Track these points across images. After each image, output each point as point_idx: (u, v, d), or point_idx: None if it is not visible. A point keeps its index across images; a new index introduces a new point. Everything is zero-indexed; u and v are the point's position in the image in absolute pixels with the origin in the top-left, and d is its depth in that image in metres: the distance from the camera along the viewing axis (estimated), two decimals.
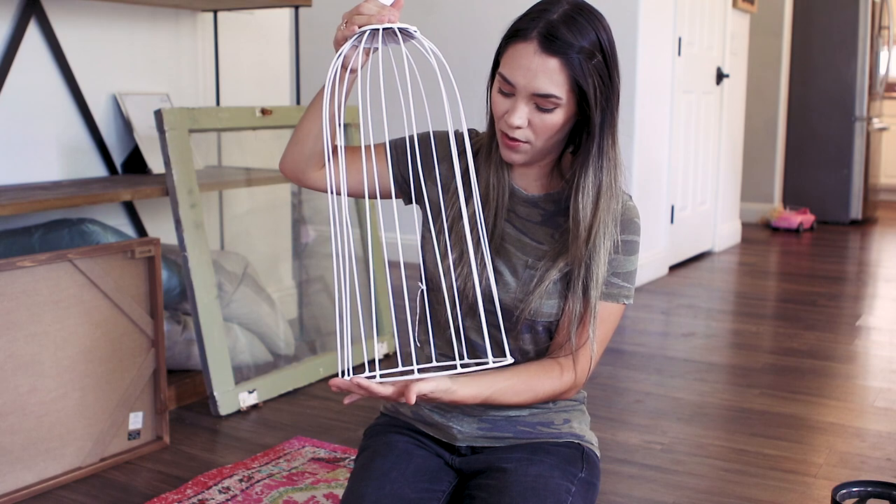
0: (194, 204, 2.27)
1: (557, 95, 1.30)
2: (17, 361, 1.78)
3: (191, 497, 1.78)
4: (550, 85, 1.29)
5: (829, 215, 5.98)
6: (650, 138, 3.99)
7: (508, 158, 1.38)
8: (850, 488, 1.69)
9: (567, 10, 1.30)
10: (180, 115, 2.28)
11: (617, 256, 1.39)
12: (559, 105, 1.31)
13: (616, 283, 1.39)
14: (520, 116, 1.32)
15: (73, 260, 1.86)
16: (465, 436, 1.46)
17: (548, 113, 1.32)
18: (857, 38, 5.82)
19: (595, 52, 1.32)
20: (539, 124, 1.32)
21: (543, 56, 1.28)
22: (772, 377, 2.66)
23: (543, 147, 1.36)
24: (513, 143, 1.35)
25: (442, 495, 1.43)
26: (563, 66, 1.28)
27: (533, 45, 1.29)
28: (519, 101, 1.32)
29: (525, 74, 1.30)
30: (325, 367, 2.59)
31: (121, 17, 2.60)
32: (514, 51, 1.32)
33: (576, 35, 1.29)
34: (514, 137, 1.34)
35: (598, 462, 1.53)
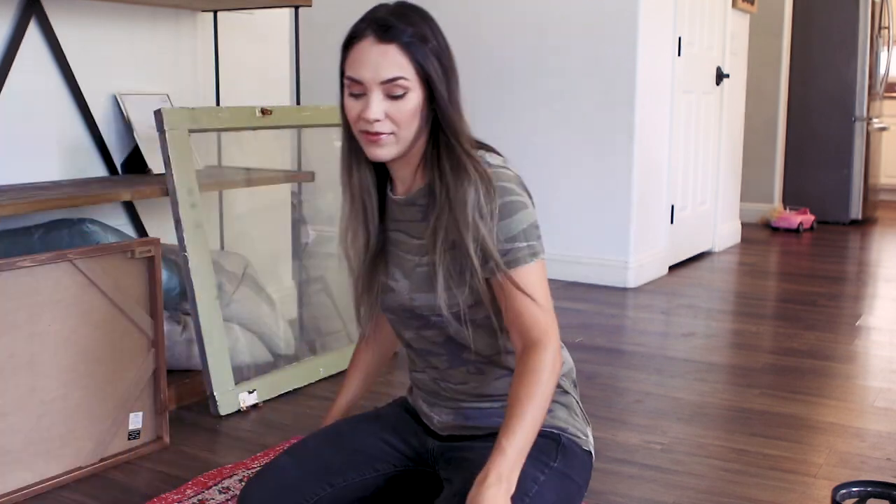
0: (194, 204, 2.27)
1: (404, 76, 1.35)
2: (17, 361, 1.78)
3: (191, 497, 1.78)
4: (395, 68, 1.35)
5: (829, 215, 5.98)
6: (650, 138, 3.99)
7: (376, 155, 1.41)
8: (850, 488, 1.69)
9: (393, 6, 1.40)
10: (180, 115, 2.28)
11: (498, 224, 1.38)
12: (409, 88, 1.36)
13: (512, 247, 1.38)
14: (376, 109, 1.36)
15: (73, 260, 1.86)
16: (444, 425, 1.54)
17: (401, 99, 1.36)
18: (857, 38, 5.82)
19: (428, 37, 1.38)
20: (396, 113, 1.37)
21: (381, 45, 1.35)
22: (772, 377, 2.66)
23: (406, 135, 1.40)
24: (376, 136, 1.38)
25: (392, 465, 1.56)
26: (402, 50, 1.35)
27: (369, 39, 1.35)
28: (371, 96, 1.36)
29: (369, 67, 1.35)
30: (325, 367, 2.59)
31: (121, 17, 2.60)
32: (353, 52, 1.38)
33: (405, 23, 1.36)
34: (378, 131, 1.37)
35: (581, 454, 1.51)
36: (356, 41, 1.37)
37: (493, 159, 1.46)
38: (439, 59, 1.39)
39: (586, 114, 3.94)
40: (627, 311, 3.50)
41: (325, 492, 1.50)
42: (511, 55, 4.08)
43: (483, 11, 4.14)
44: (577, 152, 3.98)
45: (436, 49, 1.39)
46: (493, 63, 4.14)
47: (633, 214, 3.90)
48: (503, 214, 1.39)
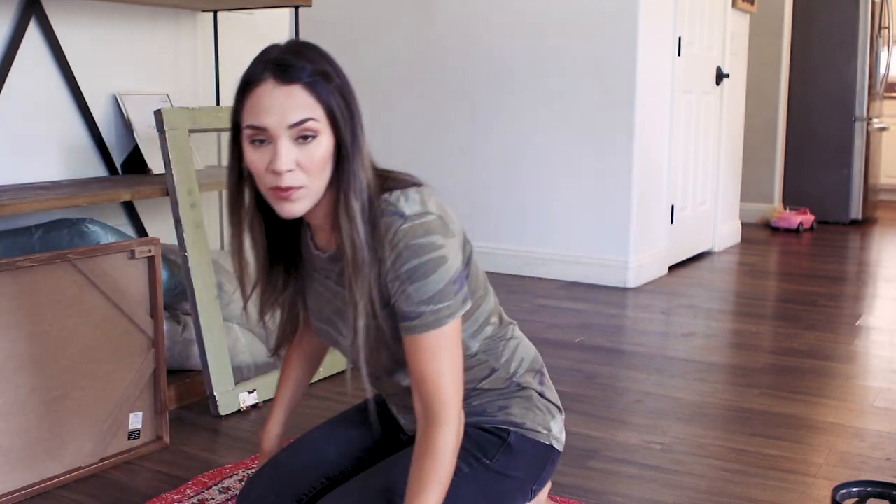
0: (194, 204, 2.27)
1: (313, 117, 1.25)
2: (17, 361, 1.78)
3: (191, 497, 1.78)
4: (302, 110, 1.25)
5: (829, 215, 5.98)
6: (650, 138, 3.99)
7: (289, 212, 1.29)
8: (850, 488, 1.69)
9: (287, 45, 1.29)
10: (180, 115, 2.28)
11: (408, 286, 1.29)
12: (318, 131, 1.26)
13: (426, 310, 1.30)
14: (286, 159, 1.25)
15: (73, 260, 1.86)
16: (408, 427, 1.55)
17: (311, 143, 1.26)
18: (857, 38, 5.82)
19: (331, 75, 1.27)
20: (307, 161, 1.26)
21: (283, 87, 1.24)
22: (772, 377, 2.66)
23: (319, 185, 1.29)
24: (288, 192, 1.26)
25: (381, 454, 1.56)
26: (306, 90, 1.25)
27: (269, 82, 1.25)
28: (279, 144, 1.25)
29: (274, 111, 1.24)
30: (324, 367, 2.59)
31: (121, 17, 2.60)
32: (252, 98, 1.26)
33: (305, 60, 1.26)
34: (289, 185, 1.26)
35: (537, 450, 1.49)
36: (253, 86, 1.26)
37: (409, 204, 1.31)
38: (344, 98, 1.29)
39: (586, 114, 3.94)
40: (627, 311, 3.50)
41: (322, 485, 1.52)
42: (511, 55, 4.08)
43: (483, 11, 4.14)
44: (577, 152, 3.98)
45: (339, 87, 1.28)
46: (493, 63, 4.14)
47: (633, 214, 3.90)
48: (419, 276, 1.29)
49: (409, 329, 1.31)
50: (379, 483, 1.40)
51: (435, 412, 1.31)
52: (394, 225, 1.29)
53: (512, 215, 4.14)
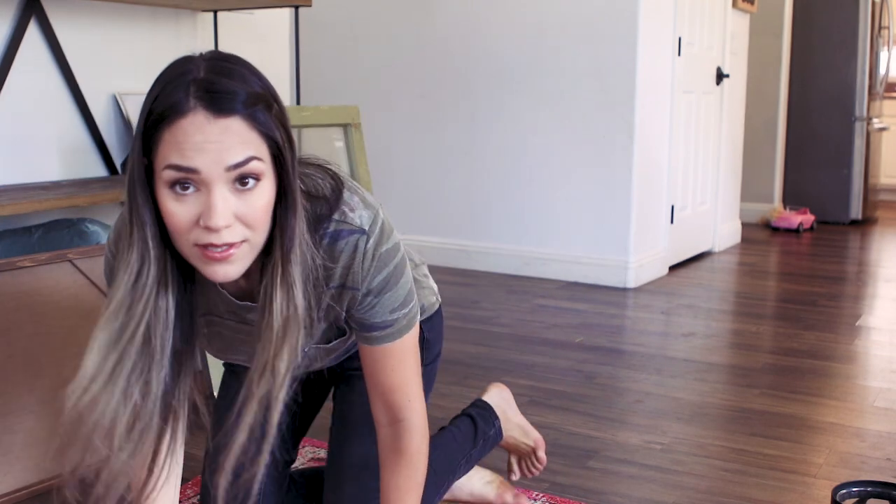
0: None
1: (258, 156, 1.00)
2: (17, 361, 1.78)
3: (191, 497, 1.78)
4: (245, 148, 0.99)
5: (829, 215, 5.98)
6: (650, 138, 3.99)
7: (224, 276, 1.03)
8: (850, 488, 1.69)
9: (211, 62, 1.02)
10: None
11: (382, 297, 1.18)
12: (262, 173, 1.01)
13: (395, 318, 1.20)
14: (223, 213, 0.99)
15: (73, 260, 1.86)
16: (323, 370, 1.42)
17: (251, 191, 1.01)
18: (857, 38, 5.82)
19: (269, 99, 1.03)
20: (248, 212, 1.01)
21: (218, 119, 0.98)
22: (772, 377, 2.66)
23: (260, 240, 1.05)
24: (226, 253, 1.01)
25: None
26: (246, 122, 0.99)
27: (198, 113, 0.97)
28: (213, 193, 0.98)
29: (207, 151, 0.97)
30: None
31: (121, 17, 2.60)
32: (174, 132, 0.98)
33: (238, 82, 1.00)
34: (227, 242, 1.00)
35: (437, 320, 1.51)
36: (175, 118, 0.98)
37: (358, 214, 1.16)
38: (284, 126, 1.05)
39: (586, 114, 3.94)
40: (627, 311, 3.50)
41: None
42: (511, 55, 4.08)
43: (483, 11, 4.14)
44: (577, 152, 3.98)
45: (279, 113, 1.04)
46: (493, 63, 4.14)
47: (633, 214, 3.90)
48: (389, 285, 1.18)
49: (380, 339, 1.21)
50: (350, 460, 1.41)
51: (405, 420, 1.26)
52: (359, 245, 1.15)
53: (512, 215, 4.14)
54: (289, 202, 1.05)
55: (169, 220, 1.01)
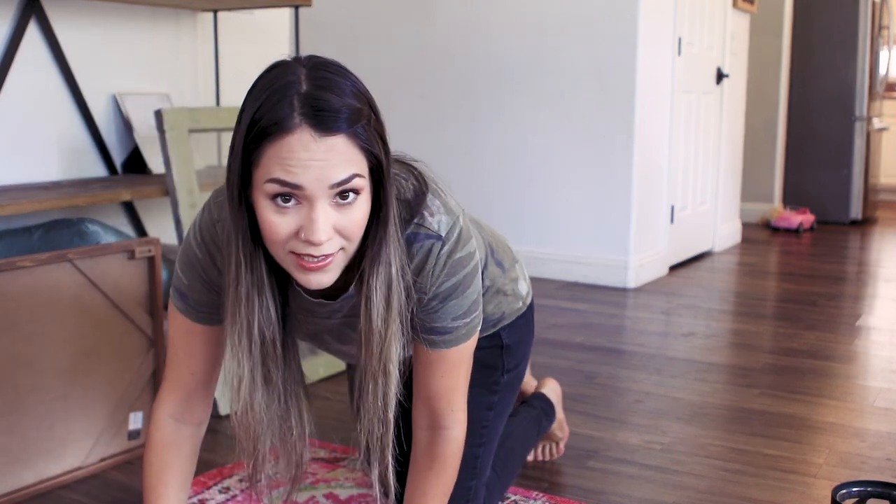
0: (194, 204, 2.27)
1: (359, 173, 1.04)
2: (17, 361, 1.78)
3: (191, 497, 1.78)
4: (348, 166, 1.03)
5: (829, 215, 5.98)
6: (650, 138, 3.99)
7: (316, 284, 1.08)
8: (850, 488, 1.69)
9: (312, 74, 1.04)
10: (180, 115, 2.28)
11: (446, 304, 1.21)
12: (362, 189, 1.05)
13: (458, 325, 1.23)
14: (324, 227, 1.03)
15: (73, 260, 1.86)
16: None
17: (351, 205, 1.05)
18: (857, 38, 5.82)
19: (369, 113, 1.06)
20: (347, 224, 1.05)
21: (323, 138, 1.01)
22: (772, 377, 2.66)
23: (353, 249, 1.09)
24: (323, 263, 1.06)
25: None
26: (350, 140, 1.03)
27: (304, 131, 1.00)
28: (316, 209, 1.02)
29: (312, 169, 1.01)
30: (325, 367, 2.59)
31: (121, 17, 2.60)
32: (279, 149, 1.01)
33: (341, 97, 1.03)
34: (324, 254, 1.05)
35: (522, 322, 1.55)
36: (280, 135, 1.00)
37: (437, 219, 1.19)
38: (382, 138, 1.09)
39: (586, 114, 3.94)
40: (627, 311, 3.50)
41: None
42: (511, 55, 4.08)
43: (483, 11, 4.14)
44: (577, 152, 3.98)
45: (377, 126, 1.07)
46: (493, 63, 4.14)
47: (633, 214, 3.90)
48: (456, 293, 1.21)
49: (437, 344, 1.23)
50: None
51: (445, 428, 1.28)
52: (433, 250, 1.17)
53: (511, 215, 4.14)
54: (385, 211, 1.10)
55: (267, 229, 1.04)
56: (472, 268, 1.22)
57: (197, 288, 1.24)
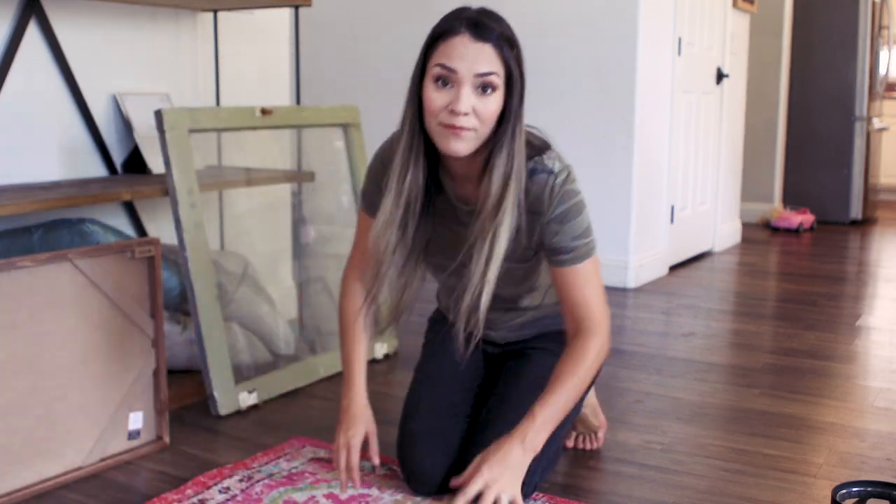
0: (194, 204, 2.27)
1: (497, 72, 1.47)
2: (17, 361, 1.78)
3: (191, 497, 1.78)
4: (490, 65, 1.46)
5: (829, 215, 5.98)
6: (650, 138, 3.99)
7: (454, 150, 1.48)
8: (850, 488, 1.69)
9: (480, 10, 1.51)
10: (180, 115, 2.28)
11: (563, 226, 1.56)
12: (497, 86, 1.47)
13: (577, 244, 1.57)
14: (466, 102, 1.45)
15: (73, 260, 1.86)
16: (502, 339, 1.85)
17: (488, 97, 1.47)
18: (857, 38, 5.82)
19: (513, 42, 1.50)
20: (482, 109, 1.47)
21: (477, 42, 1.46)
22: (772, 377, 2.66)
23: (484, 133, 1.49)
24: (459, 129, 1.46)
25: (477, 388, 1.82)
26: (496, 50, 1.47)
27: (465, 35, 1.46)
28: (462, 88, 1.45)
29: (466, 58, 1.45)
30: (325, 367, 2.59)
31: (121, 17, 2.60)
32: (447, 45, 1.46)
33: (496, 24, 1.48)
34: (462, 126, 1.46)
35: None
36: (449, 36, 1.47)
37: (552, 163, 1.58)
38: (519, 65, 1.51)
39: (586, 114, 3.94)
40: (627, 311, 3.50)
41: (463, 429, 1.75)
42: None
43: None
44: (577, 152, 3.97)
45: (518, 56, 1.51)
46: None
47: (633, 214, 3.90)
48: (570, 217, 1.56)
49: (565, 262, 1.57)
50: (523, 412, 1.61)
51: (586, 328, 1.56)
52: (548, 181, 1.55)
53: None
54: (510, 119, 1.49)
55: (429, 102, 1.48)
56: (580, 200, 1.58)
57: (371, 189, 1.69)
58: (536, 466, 1.65)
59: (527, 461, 1.53)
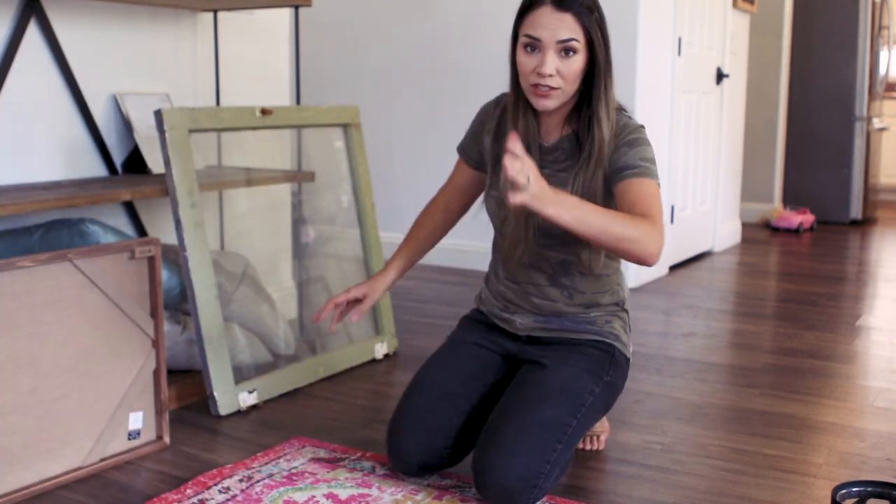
0: (194, 204, 2.27)
1: (577, 38, 1.67)
2: (17, 361, 1.78)
3: (191, 497, 1.78)
4: (570, 32, 1.66)
5: (829, 215, 5.98)
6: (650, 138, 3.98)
7: (542, 106, 1.72)
8: (850, 488, 1.70)
9: None
10: (180, 115, 2.28)
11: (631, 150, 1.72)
12: (578, 50, 1.67)
13: (644, 164, 1.72)
14: (550, 65, 1.66)
15: (73, 260, 1.86)
16: (524, 327, 1.89)
17: (570, 58, 1.67)
18: (857, 38, 5.82)
19: (594, 9, 1.69)
20: (565, 70, 1.68)
21: (558, 12, 1.65)
22: (772, 377, 2.66)
23: (569, 91, 1.72)
24: (546, 91, 1.69)
25: (488, 385, 1.86)
26: (575, 18, 1.66)
27: (548, 7, 1.66)
28: (546, 54, 1.66)
29: (548, 28, 1.65)
30: (325, 367, 2.60)
31: (121, 17, 2.60)
32: (532, 16, 1.67)
33: None
34: (548, 85, 1.68)
35: (625, 364, 1.89)
36: (534, 8, 1.67)
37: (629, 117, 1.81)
38: (601, 28, 1.70)
39: None
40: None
41: (459, 419, 1.80)
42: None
43: (484, 11, 4.14)
44: None
45: (599, 20, 1.70)
46: (494, 63, 4.12)
47: None
48: (638, 143, 1.73)
49: (630, 175, 1.70)
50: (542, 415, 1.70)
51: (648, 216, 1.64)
52: (625, 122, 1.78)
53: None
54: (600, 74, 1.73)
55: (520, 65, 1.71)
56: (645, 139, 1.75)
57: (469, 138, 1.98)
58: (550, 471, 1.68)
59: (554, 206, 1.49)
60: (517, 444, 1.66)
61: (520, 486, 1.64)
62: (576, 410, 1.73)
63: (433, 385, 1.83)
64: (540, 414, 1.69)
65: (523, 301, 1.88)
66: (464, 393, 1.82)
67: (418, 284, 3.88)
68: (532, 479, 1.65)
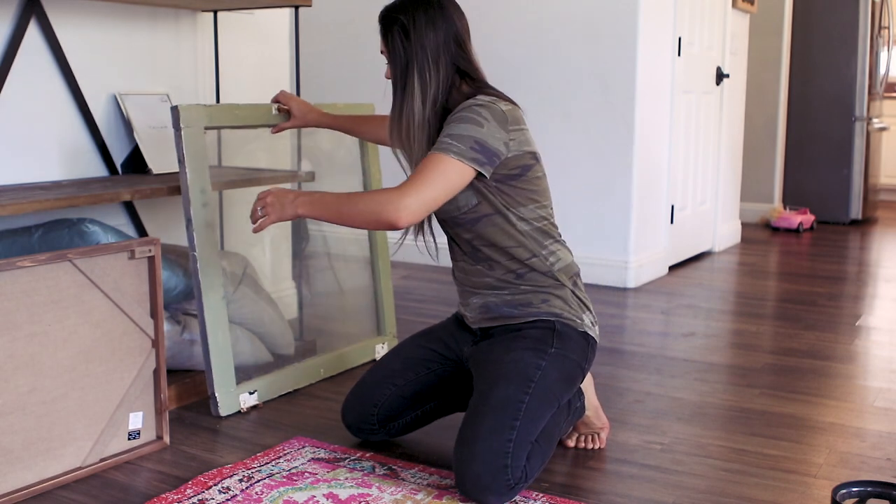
0: (206, 203, 2.25)
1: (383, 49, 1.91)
2: (17, 361, 1.78)
3: (191, 497, 1.78)
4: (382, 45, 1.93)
5: (829, 215, 5.98)
6: (650, 138, 3.99)
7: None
8: (850, 488, 1.70)
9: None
10: (197, 111, 2.26)
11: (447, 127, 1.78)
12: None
13: (443, 140, 1.76)
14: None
15: (73, 260, 1.86)
16: (474, 318, 1.96)
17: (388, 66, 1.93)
18: (857, 38, 5.82)
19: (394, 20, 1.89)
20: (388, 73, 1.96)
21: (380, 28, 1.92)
22: (772, 377, 2.66)
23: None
24: None
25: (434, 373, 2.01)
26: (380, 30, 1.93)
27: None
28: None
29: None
30: (325, 368, 2.59)
31: (121, 17, 2.60)
32: None
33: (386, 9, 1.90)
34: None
35: (577, 336, 1.88)
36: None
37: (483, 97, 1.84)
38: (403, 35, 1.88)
39: (586, 114, 3.94)
40: (627, 311, 3.50)
41: (389, 391, 1.99)
42: (511, 55, 4.08)
43: (483, 11, 4.14)
44: (577, 152, 3.98)
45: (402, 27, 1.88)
46: (493, 63, 4.12)
47: (632, 214, 3.90)
48: (455, 120, 1.78)
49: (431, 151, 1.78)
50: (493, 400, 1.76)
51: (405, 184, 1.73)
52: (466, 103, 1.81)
53: None
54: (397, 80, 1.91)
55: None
56: (470, 118, 1.77)
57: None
58: (515, 450, 1.72)
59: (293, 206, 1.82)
60: (475, 432, 1.72)
61: (487, 469, 1.68)
62: (525, 387, 1.77)
63: (382, 364, 2.06)
64: (491, 399, 1.76)
65: (467, 285, 1.97)
66: (403, 373, 2.00)
67: (418, 284, 3.88)
68: (498, 460, 1.69)
